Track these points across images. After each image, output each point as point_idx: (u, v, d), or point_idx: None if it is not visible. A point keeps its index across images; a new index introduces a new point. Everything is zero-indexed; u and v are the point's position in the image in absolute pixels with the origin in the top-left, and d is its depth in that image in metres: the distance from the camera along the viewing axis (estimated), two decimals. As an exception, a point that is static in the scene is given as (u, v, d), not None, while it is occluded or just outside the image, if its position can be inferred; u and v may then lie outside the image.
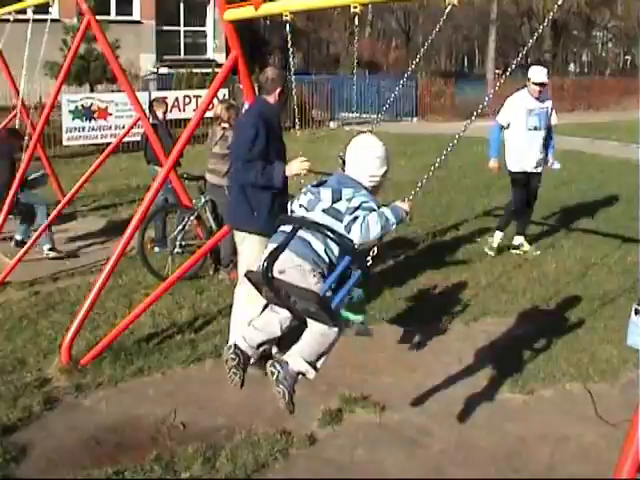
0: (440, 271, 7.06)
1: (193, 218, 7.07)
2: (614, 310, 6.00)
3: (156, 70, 22.00)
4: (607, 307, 6.12)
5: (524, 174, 7.56)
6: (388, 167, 3.38)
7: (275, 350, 5.13)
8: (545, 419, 4.34)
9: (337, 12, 32.34)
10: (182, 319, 5.81)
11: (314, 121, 20.22)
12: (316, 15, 32.38)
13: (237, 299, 4.97)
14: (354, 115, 22.31)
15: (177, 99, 16.89)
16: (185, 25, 24.81)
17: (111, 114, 15.41)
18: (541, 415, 4.39)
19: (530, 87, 7.45)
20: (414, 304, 6.24)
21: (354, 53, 4.90)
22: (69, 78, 14.84)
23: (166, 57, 23.24)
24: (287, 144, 4.90)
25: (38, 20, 7.43)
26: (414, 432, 4.15)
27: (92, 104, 15.26)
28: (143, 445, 3.98)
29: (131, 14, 23.09)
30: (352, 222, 3.02)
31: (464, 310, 6.07)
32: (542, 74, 7.41)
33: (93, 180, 9.07)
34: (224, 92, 15.98)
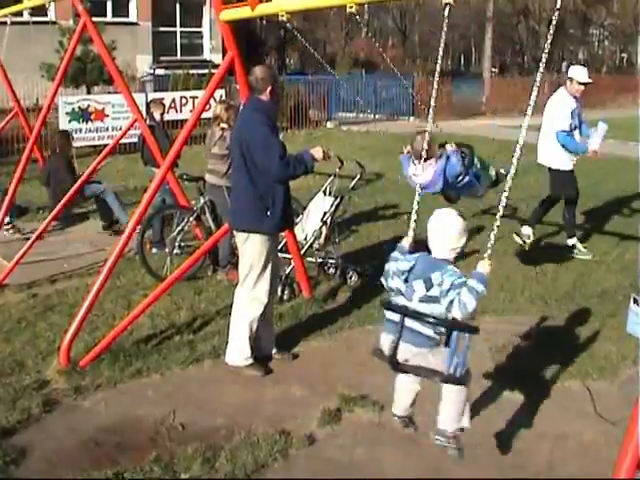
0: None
1: (192, 219, 7.07)
2: (613, 308, 6.01)
3: (153, 71, 21.97)
4: (606, 305, 6.12)
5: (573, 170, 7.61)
6: (467, 235, 3.72)
7: (275, 350, 5.14)
8: (544, 416, 4.34)
9: (333, 12, 32.36)
10: (181, 320, 5.81)
11: (311, 121, 20.22)
12: (312, 15, 32.35)
13: (237, 299, 4.97)
14: (351, 115, 22.36)
15: (174, 100, 16.89)
16: (181, 26, 24.80)
17: (108, 116, 15.43)
18: (540, 413, 4.39)
19: (573, 87, 7.37)
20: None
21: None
22: (66, 80, 14.82)
23: (163, 58, 23.22)
24: (285, 145, 4.88)
25: (35, 22, 7.42)
26: (413, 431, 4.14)
27: (89, 106, 15.26)
28: (142, 446, 3.98)
29: (127, 15, 23.09)
30: (450, 305, 3.31)
31: (463, 309, 6.06)
32: (586, 73, 7.40)
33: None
34: (221, 93, 15.99)
